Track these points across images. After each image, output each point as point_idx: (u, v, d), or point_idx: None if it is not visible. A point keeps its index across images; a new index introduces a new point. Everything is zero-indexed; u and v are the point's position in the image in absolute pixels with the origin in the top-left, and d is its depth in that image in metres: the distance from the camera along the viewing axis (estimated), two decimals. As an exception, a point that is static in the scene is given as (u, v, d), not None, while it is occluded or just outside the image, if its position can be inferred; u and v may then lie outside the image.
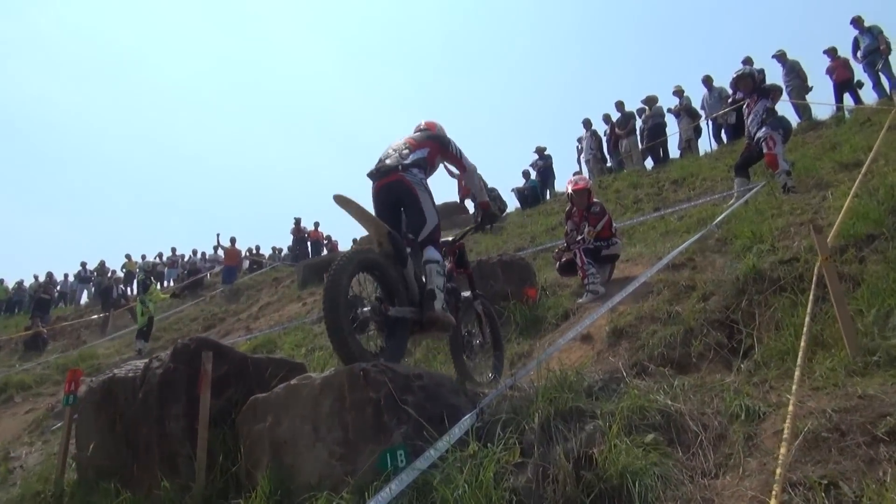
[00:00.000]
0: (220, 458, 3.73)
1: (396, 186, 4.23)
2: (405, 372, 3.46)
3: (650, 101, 15.47)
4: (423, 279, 4.15)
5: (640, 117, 15.66)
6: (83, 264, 26.51)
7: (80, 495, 4.49)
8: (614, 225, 7.02)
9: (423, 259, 4.17)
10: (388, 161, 4.37)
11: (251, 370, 4.27)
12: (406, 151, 4.41)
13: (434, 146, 4.58)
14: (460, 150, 4.72)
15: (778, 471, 2.26)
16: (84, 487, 4.51)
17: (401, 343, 4.00)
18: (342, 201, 3.86)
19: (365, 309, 3.79)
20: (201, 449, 3.75)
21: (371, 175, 4.37)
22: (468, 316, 4.84)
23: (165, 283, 24.52)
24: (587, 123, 16.92)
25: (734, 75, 8.64)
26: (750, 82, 8.34)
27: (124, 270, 23.80)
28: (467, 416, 3.22)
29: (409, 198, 4.23)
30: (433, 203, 4.31)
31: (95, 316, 19.47)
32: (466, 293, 4.78)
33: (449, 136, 4.78)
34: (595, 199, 6.98)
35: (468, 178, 4.93)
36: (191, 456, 3.80)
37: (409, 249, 4.19)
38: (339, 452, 3.20)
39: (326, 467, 3.20)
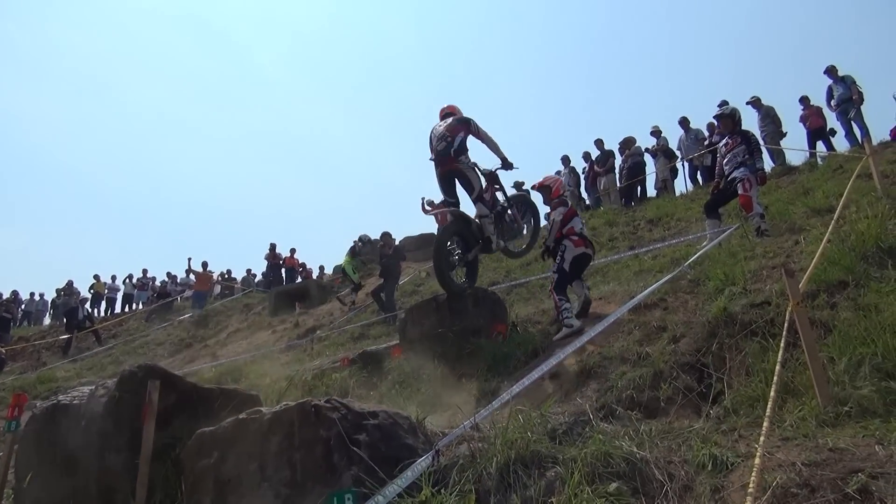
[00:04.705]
0: (159, 497, 3.49)
1: (456, 173, 6.84)
2: (360, 409, 3.28)
3: (628, 142, 15.56)
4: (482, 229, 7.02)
5: (621, 155, 15.74)
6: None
7: (12, 531, 4.21)
8: (575, 224, 6.80)
9: (477, 214, 7.00)
10: (440, 149, 6.74)
11: (200, 401, 4.06)
12: (451, 139, 6.73)
13: (465, 129, 6.84)
14: (477, 125, 6.94)
15: (743, 531, 2.12)
16: (17, 522, 4.24)
17: (474, 273, 7.32)
18: (431, 205, 6.77)
19: (454, 257, 6.90)
20: (141, 485, 3.52)
21: (433, 160, 6.84)
22: (520, 206, 8.02)
23: (135, 306, 24.00)
24: (565, 160, 17.00)
25: (717, 112, 8.75)
26: (730, 122, 8.43)
27: (92, 291, 23.22)
28: (421, 460, 3.04)
29: (463, 179, 6.87)
30: (478, 173, 6.94)
31: (59, 337, 18.88)
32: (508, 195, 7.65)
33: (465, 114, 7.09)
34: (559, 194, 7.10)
35: (488, 144, 6.97)
36: (130, 493, 3.57)
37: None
38: (286, 494, 3.02)
39: (271, 510, 3.00)
